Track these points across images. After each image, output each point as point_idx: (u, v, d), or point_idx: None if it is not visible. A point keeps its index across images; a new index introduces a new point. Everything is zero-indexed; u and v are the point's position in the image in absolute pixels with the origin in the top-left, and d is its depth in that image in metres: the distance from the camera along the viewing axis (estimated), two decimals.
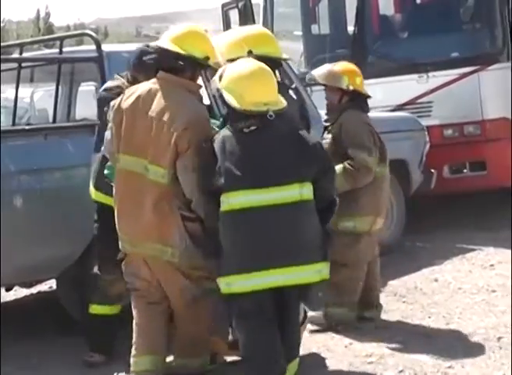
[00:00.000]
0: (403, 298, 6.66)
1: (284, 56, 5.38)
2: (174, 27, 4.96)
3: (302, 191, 4.44)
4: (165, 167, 4.56)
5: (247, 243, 4.42)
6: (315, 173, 4.54)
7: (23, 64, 6.87)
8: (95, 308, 5.47)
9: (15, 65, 6.78)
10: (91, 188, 5.37)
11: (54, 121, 7.00)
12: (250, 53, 4.81)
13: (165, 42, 4.75)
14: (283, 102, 4.60)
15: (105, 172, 5.09)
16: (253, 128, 4.50)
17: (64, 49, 7.14)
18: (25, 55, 7.30)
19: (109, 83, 5.39)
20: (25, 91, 7.74)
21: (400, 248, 8.18)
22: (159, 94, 4.70)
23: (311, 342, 5.43)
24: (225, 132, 4.53)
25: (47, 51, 7.98)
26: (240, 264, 4.43)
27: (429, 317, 6.02)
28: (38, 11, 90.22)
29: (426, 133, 8.78)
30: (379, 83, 9.19)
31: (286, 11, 11.27)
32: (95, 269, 5.74)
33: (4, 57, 7.49)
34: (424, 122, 8.84)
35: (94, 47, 6.30)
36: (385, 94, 9.18)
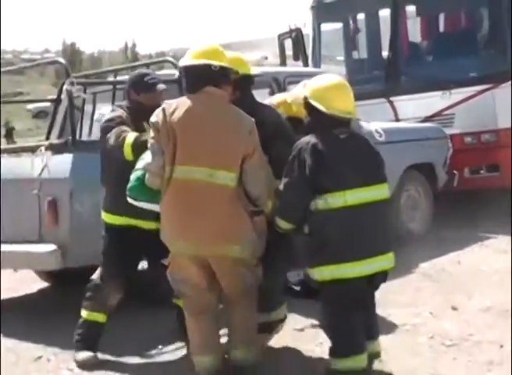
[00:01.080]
0: (432, 278, 6.66)
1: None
2: (195, 46, 4.57)
3: (387, 190, 4.47)
4: (234, 171, 4.30)
5: (349, 236, 4.27)
6: None
7: (117, 86, 6.82)
8: (89, 314, 4.96)
9: (110, 87, 6.85)
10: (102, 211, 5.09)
11: None
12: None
13: (203, 59, 4.39)
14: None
15: (132, 186, 4.63)
16: (346, 135, 4.40)
17: None
18: (118, 78, 7.35)
19: (111, 114, 4.98)
20: None
21: (429, 236, 8.13)
22: (211, 107, 4.41)
23: None
24: (314, 138, 4.29)
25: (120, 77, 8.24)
26: (340, 255, 4.26)
27: (454, 293, 5.98)
28: (126, 43, 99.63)
29: (449, 140, 8.76)
30: (410, 99, 9.36)
31: (331, 40, 11.27)
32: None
33: (101, 80, 7.86)
34: (448, 131, 8.85)
35: (174, 71, 6.38)
36: (415, 108, 9.32)
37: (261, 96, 8.06)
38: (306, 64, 10.14)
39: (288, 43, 10.41)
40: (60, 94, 6.25)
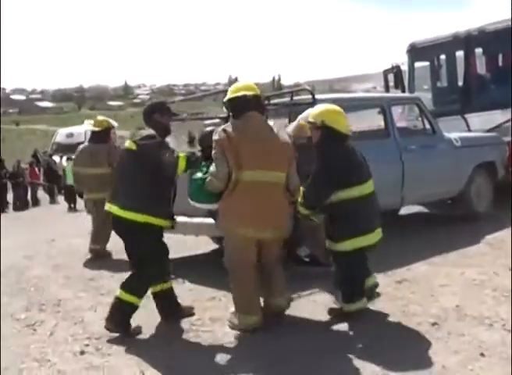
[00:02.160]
0: (494, 246, 7.08)
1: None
2: (236, 83, 5.01)
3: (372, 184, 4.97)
4: (285, 171, 4.74)
5: (358, 218, 4.79)
6: None
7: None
8: (125, 296, 4.83)
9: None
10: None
11: None
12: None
13: (252, 92, 4.79)
14: None
15: (193, 192, 4.96)
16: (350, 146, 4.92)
17: (285, 99, 7.97)
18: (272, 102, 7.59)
19: (144, 134, 4.98)
20: None
21: (491, 216, 8.64)
22: (261, 125, 4.80)
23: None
24: (332, 146, 4.80)
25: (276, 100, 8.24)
26: (353, 232, 4.80)
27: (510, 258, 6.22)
28: (274, 77, 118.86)
29: (506, 145, 9.25)
30: (479, 116, 9.88)
31: (421, 74, 11.86)
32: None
33: None
34: (506, 138, 9.29)
35: (309, 96, 6.93)
36: (482, 122, 9.76)
37: (371, 115, 9.00)
38: (403, 91, 10.91)
39: (390, 76, 11.22)
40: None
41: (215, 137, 4.69)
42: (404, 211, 9.28)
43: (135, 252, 4.88)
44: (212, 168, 4.71)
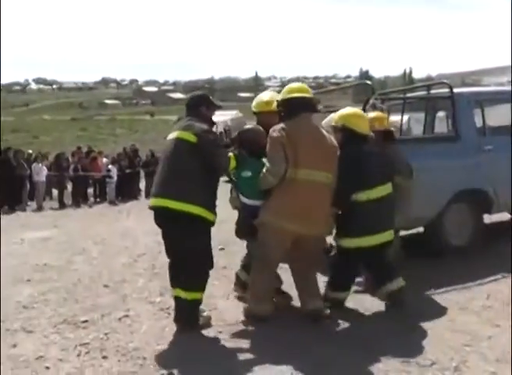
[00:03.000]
0: None
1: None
2: (290, 85, 5.18)
3: (391, 186, 5.35)
4: (333, 173, 5.00)
5: (369, 219, 5.17)
6: None
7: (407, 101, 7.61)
8: (186, 294, 4.91)
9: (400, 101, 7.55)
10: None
11: (424, 133, 8.14)
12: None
13: (306, 94, 5.06)
14: None
15: (245, 189, 5.15)
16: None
17: (421, 92, 8.20)
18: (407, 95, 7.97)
19: (195, 126, 4.93)
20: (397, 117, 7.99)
21: None
22: (314, 126, 5.05)
23: None
24: (352, 149, 5.20)
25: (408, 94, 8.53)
26: (355, 232, 5.20)
27: None
28: (405, 70, 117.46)
29: None
30: None
31: None
32: None
33: (395, 96, 8.71)
34: None
35: (446, 90, 7.10)
36: None
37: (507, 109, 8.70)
38: None
39: None
40: (365, 106, 6.41)
41: (274, 134, 4.85)
42: None
43: (186, 245, 4.82)
44: (268, 165, 4.87)
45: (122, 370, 4.36)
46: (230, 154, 4.98)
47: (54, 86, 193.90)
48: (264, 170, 4.88)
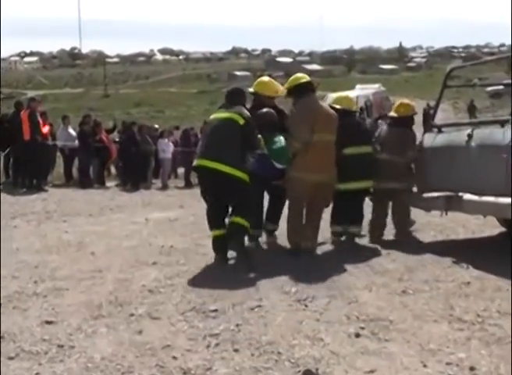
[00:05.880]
0: None
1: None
2: (296, 75, 7.81)
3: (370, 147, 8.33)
4: (334, 134, 7.52)
5: (351, 168, 7.69)
6: None
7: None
8: (239, 220, 6.89)
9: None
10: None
11: None
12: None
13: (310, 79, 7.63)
14: None
15: (278, 157, 7.22)
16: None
17: None
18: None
19: (243, 112, 7.00)
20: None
21: None
22: (319, 102, 7.71)
23: None
24: (344, 120, 7.72)
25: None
26: (347, 177, 7.64)
27: None
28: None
29: None
30: None
31: None
32: None
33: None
34: None
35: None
36: None
37: None
38: None
39: None
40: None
41: (299, 112, 7.40)
42: None
43: (236, 195, 6.89)
44: (294, 133, 7.25)
45: (255, 365, 4.35)
46: (259, 136, 7.08)
47: (180, 57, 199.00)
48: (291, 139, 7.22)
